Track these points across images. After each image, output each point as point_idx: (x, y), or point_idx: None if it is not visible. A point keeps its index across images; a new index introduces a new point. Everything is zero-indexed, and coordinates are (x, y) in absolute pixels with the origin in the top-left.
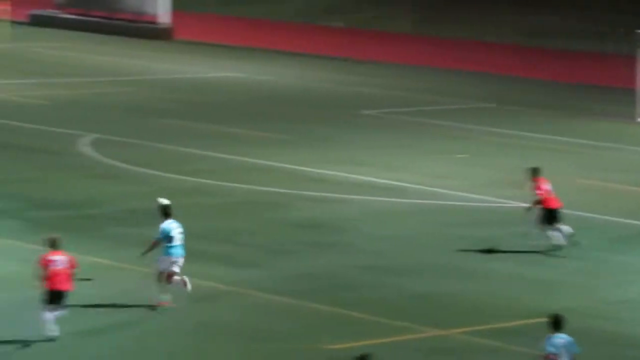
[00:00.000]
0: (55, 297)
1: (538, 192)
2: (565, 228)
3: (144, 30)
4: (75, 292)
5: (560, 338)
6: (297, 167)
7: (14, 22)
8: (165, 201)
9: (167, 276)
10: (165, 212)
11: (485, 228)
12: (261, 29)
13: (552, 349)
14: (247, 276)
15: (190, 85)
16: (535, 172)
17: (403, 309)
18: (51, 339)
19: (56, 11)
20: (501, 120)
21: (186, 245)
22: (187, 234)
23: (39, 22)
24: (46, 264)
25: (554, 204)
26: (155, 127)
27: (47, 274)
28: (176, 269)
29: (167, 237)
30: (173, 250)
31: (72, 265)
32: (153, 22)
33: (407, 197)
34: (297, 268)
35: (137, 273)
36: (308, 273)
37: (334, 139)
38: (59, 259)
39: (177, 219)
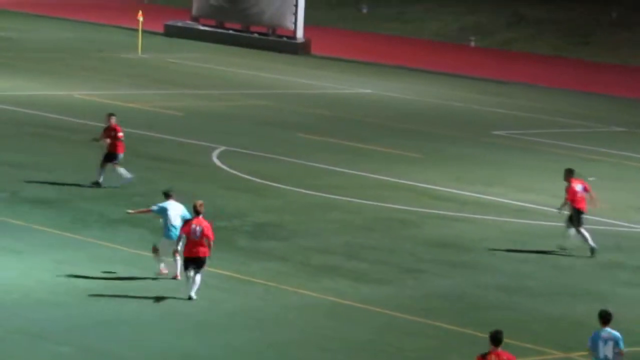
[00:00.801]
0: (192, 263)
1: (568, 193)
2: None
3: (281, 44)
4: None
5: (605, 332)
6: (427, 186)
7: (149, 33)
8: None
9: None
10: (165, 195)
11: (615, 252)
12: (396, 47)
13: (589, 343)
14: (377, 293)
15: (322, 100)
16: (569, 173)
17: (531, 331)
18: (190, 298)
19: (191, 22)
20: (635, 144)
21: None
22: (317, 250)
23: (173, 33)
24: (185, 232)
25: (581, 205)
26: (286, 141)
27: (186, 242)
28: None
29: (164, 214)
30: (171, 233)
31: (208, 235)
32: (290, 37)
33: (537, 219)
34: (427, 287)
35: (264, 287)
36: (438, 292)
37: (465, 159)
38: (198, 228)
39: (303, 234)
